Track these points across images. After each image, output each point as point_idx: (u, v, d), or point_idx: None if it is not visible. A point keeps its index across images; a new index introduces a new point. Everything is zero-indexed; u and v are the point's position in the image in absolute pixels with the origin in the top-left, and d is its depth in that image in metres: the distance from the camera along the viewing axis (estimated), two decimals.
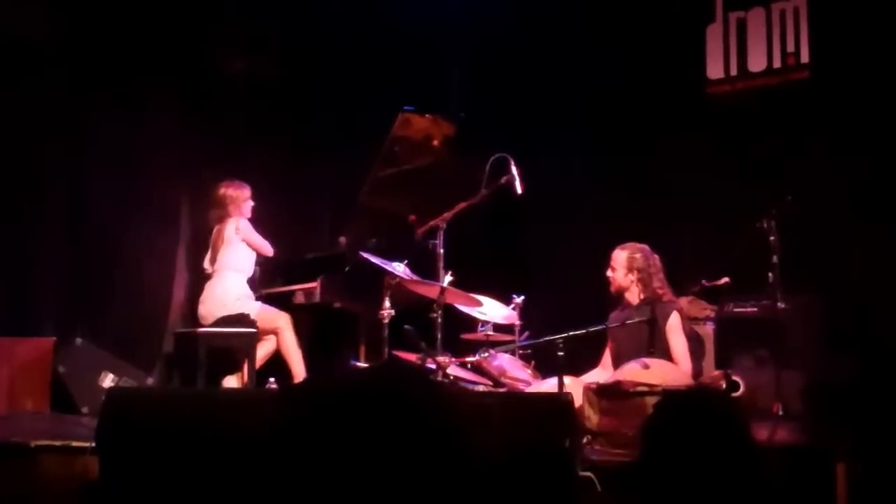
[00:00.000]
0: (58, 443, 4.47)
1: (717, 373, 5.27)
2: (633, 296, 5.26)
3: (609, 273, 5.32)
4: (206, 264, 6.23)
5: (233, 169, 6.47)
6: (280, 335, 6.08)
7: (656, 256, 5.31)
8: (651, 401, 3.99)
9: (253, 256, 6.24)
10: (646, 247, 5.31)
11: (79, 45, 6.50)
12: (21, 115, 6.24)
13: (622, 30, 7.01)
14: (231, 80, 7.05)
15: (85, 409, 5.99)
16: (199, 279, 6.33)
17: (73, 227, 6.60)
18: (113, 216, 6.64)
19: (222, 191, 6.23)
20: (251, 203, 6.29)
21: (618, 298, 5.35)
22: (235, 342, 5.98)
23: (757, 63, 6.75)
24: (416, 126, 6.58)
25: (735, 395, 4.91)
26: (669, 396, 2.33)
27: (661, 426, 2.14)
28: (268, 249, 6.24)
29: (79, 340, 6.33)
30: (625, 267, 5.25)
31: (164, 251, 6.93)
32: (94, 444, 3.99)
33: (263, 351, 6.10)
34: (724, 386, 4.61)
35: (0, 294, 6.20)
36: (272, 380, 5.94)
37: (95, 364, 6.26)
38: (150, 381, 6.48)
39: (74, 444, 4.38)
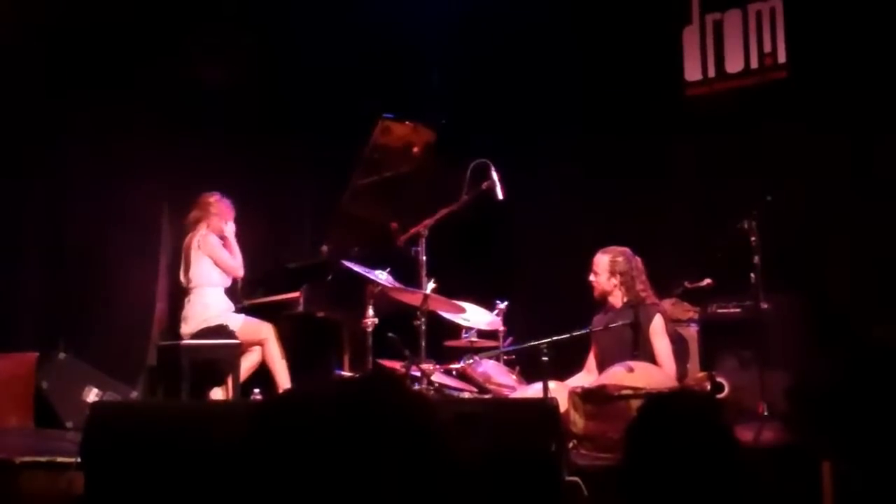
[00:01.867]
0: (43, 458, 4.45)
1: (701, 374, 5.29)
2: (617, 299, 5.28)
3: (592, 277, 5.32)
4: (182, 277, 6.19)
5: (212, 179, 6.45)
6: (264, 346, 6.06)
7: (638, 259, 5.32)
8: (636, 404, 4.00)
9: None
10: (627, 250, 5.32)
11: (56, 57, 6.47)
12: None
13: (600, 33, 7.03)
14: (208, 91, 7.02)
15: (69, 424, 5.94)
16: (180, 293, 6.30)
17: (54, 241, 6.57)
18: (93, 230, 6.61)
19: (209, 199, 6.21)
20: (230, 225, 6.23)
21: (601, 302, 5.36)
22: (219, 354, 5.96)
23: (734, 64, 6.79)
24: (396, 133, 6.58)
25: (720, 396, 4.93)
26: (653, 399, 2.33)
27: (644, 429, 2.14)
28: (234, 269, 6.16)
29: (62, 355, 6.28)
30: (607, 271, 5.25)
31: (146, 264, 6.89)
32: (79, 459, 3.97)
33: (249, 363, 6.08)
34: (708, 387, 4.63)
35: None
36: (257, 391, 5.92)
37: (79, 378, 6.21)
38: (134, 394, 6.43)
39: (59, 459, 4.36)
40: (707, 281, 5.77)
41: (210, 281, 6.09)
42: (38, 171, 6.50)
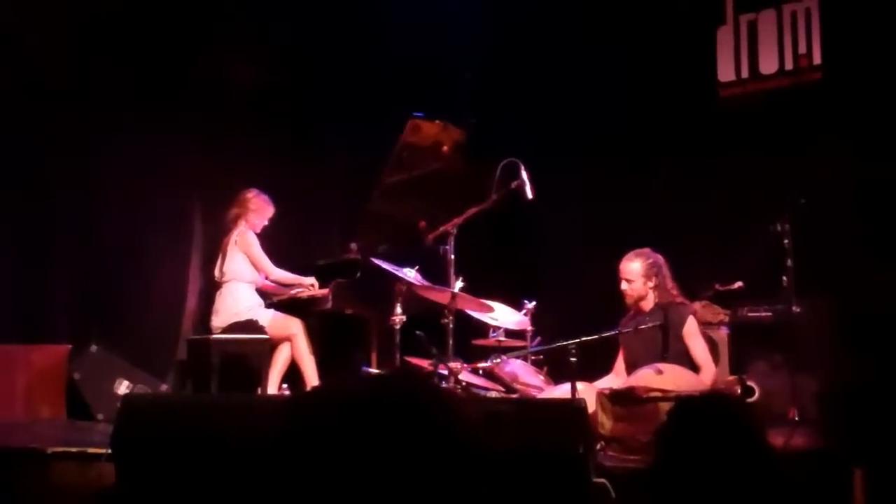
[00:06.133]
0: (74, 449, 4.50)
1: (731, 378, 5.25)
2: (649, 302, 5.20)
3: (624, 286, 5.18)
4: (216, 272, 6.24)
5: (244, 177, 6.49)
6: (293, 341, 6.09)
7: (660, 256, 5.25)
8: (665, 406, 3.98)
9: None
10: (649, 250, 5.24)
11: (91, 55, 6.53)
12: (31, 125, 6.28)
13: (633, 33, 7.00)
14: (242, 90, 7.07)
15: (100, 416, 6.03)
16: (212, 287, 6.35)
17: (88, 235, 6.64)
18: (127, 225, 6.68)
19: (247, 195, 6.27)
20: (264, 222, 6.30)
21: (634, 307, 5.28)
22: (248, 349, 5.99)
23: (768, 65, 6.72)
24: (425, 132, 6.59)
25: (750, 400, 4.89)
26: (684, 402, 2.32)
27: (676, 432, 2.13)
28: (266, 269, 6.21)
29: (94, 347, 6.36)
30: (642, 276, 5.12)
31: (178, 259, 6.96)
32: (109, 451, 4.01)
33: (283, 357, 6.12)
34: (738, 391, 4.59)
35: (16, 302, 6.25)
36: (285, 386, 5.96)
37: (110, 371, 6.29)
38: (164, 387, 6.50)
39: (90, 450, 4.42)
40: (738, 283, 5.72)
41: (242, 276, 6.14)
42: (73, 166, 6.57)
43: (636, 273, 5.15)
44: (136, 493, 3.73)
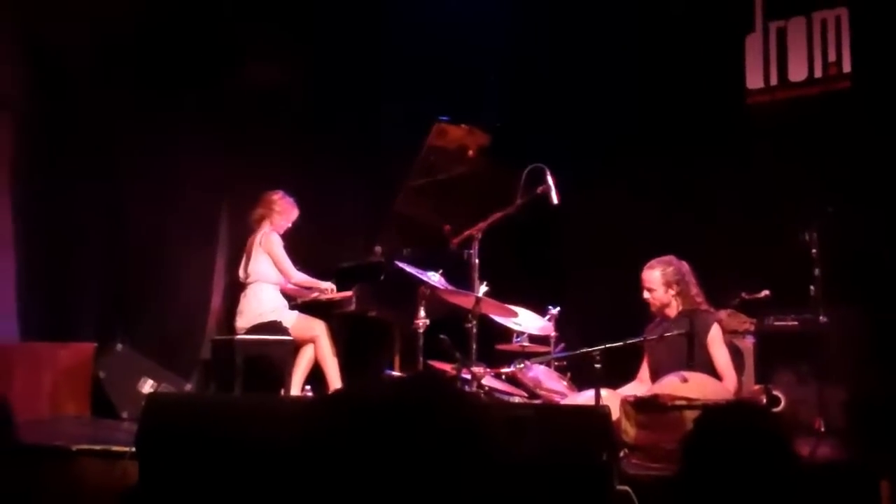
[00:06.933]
0: (98, 447, 4.52)
1: (757, 387, 5.21)
2: (673, 309, 5.16)
3: (646, 295, 5.16)
4: (241, 272, 6.27)
5: (269, 178, 6.52)
6: (316, 343, 6.11)
7: (684, 263, 5.21)
8: (690, 415, 3.95)
9: None
10: (672, 257, 5.20)
11: (119, 57, 6.58)
12: (60, 126, 6.34)
13: (661, 39, 6.96)
14: (267, 92, 7.10)
15: (124, 414, 6.07)
16: (237, 287, 6.38)
17: (115, 235, 6.69)
18: (153, 225, 6.72)
19: (272, 197, 6.30)
20: (288, 224, 6.33)
21: (659, 315, 5.25)
22: (272, 350, 6.02)
23: (797, 73, 6.68)
24: (451, 136, 6.59)
25: (776, 410, 4.85)
26: (711, 411, 2.30)
27: (702, 441, 2.12)
28: (287, 271, 6.22)
29: (119, 346, 6.41)
30: (662, 284, 5.09)
31: (202, 259, 7.00)
32: (133, 449, 4.03)
33: (306, 358, 6.13)
34: (764, 401, 4.56)
35: (43, 300, 6.30)
36: (308, 387, 5.97)
37: (135, 370, 6.33)
38: (188, 387, 6.53)
39: (114, 448, 4.44)
40: (765, 292, 5.68)
41: (267, 277, 6.16)
42: (100, 166, 6.62)
43: (656, 281, 5.12)
44: (159, 491, 3.75)
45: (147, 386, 6.27)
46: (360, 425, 1.36)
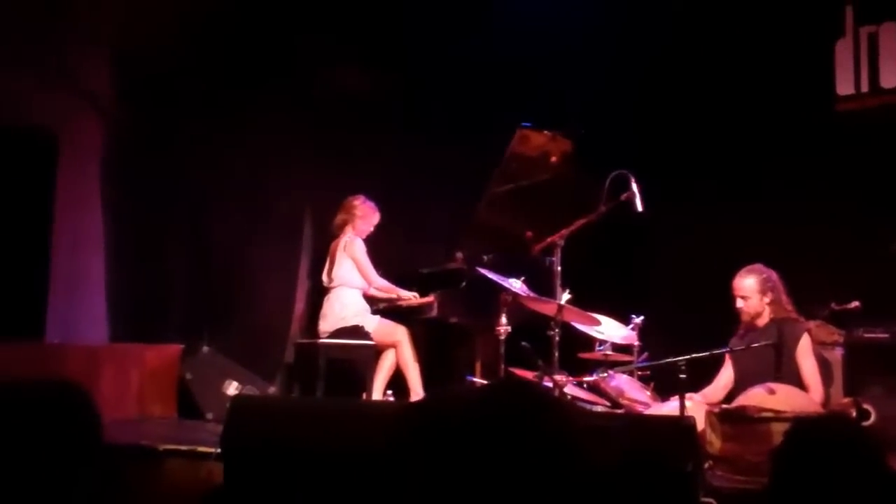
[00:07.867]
0: (184, 447, 4.61)
1: (846, 400, 5.07)
2: (763, 318, 5.06)
3: (739, 304, 5.05)
4: (325, 277, 6.35)
5: (353, 185, 6.59)
6: (398, 348, 6.15)
7: (774, 272, 5.11)
8: (777, 427, 3.87)
9: None
10: (761, 265, 5.11)
11: (209, 63, 6.73)
12: (145, 132, 6.50)
13: (750, 45, 6.84)
14: (352, 99, 7.18)
15: (209, 416, 6.17)
16: (320, 292, 6.46)
17: (201, 240, 6.85)
18: (238, 230, 6.86)
19: (355, 202, 6.37)
20: (370, 228, 6.39)
21: (749, 325, 5.15)
22: (354, 354, 6.08)
23: (889, 79, 6.51)
24: (533, 142, 6.57)
25: (865, 423, 4.71)
26: (803, 423, 2.24)
27: (793, 454, 2.07)
28: (370, 277, 6.29)
29: (205, 348, 6.54)
30: (758, 292, 4.99)
31: (286, 264, 7.11)
32: (218, 450, 4.10)
33: (388, 363, 6.18)
34: (853, 414, 4.43)
35: (131, 303, 6.48)
36: (390, 392, 6.01)
37: (220, 372, 6.45)
38: (272, 389, 6.63)
39: (200, 449, 4.52)
40: (854, 303, 5.53)
41: (350, 282, 6.23)
42: (187, 172, 6.78)
43: (751, 289, 5.03)
44: (243, 492, 3.81)
45: (232, 388, 6.38)
46: (447, 433, 1.37)
